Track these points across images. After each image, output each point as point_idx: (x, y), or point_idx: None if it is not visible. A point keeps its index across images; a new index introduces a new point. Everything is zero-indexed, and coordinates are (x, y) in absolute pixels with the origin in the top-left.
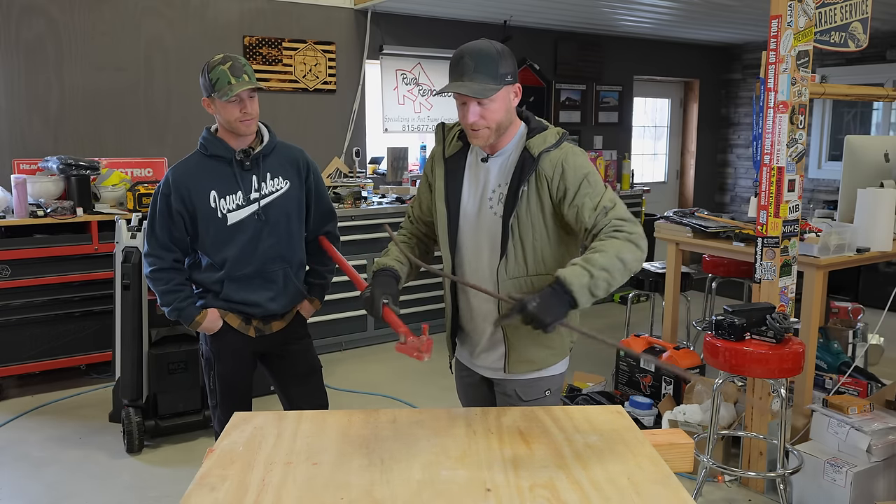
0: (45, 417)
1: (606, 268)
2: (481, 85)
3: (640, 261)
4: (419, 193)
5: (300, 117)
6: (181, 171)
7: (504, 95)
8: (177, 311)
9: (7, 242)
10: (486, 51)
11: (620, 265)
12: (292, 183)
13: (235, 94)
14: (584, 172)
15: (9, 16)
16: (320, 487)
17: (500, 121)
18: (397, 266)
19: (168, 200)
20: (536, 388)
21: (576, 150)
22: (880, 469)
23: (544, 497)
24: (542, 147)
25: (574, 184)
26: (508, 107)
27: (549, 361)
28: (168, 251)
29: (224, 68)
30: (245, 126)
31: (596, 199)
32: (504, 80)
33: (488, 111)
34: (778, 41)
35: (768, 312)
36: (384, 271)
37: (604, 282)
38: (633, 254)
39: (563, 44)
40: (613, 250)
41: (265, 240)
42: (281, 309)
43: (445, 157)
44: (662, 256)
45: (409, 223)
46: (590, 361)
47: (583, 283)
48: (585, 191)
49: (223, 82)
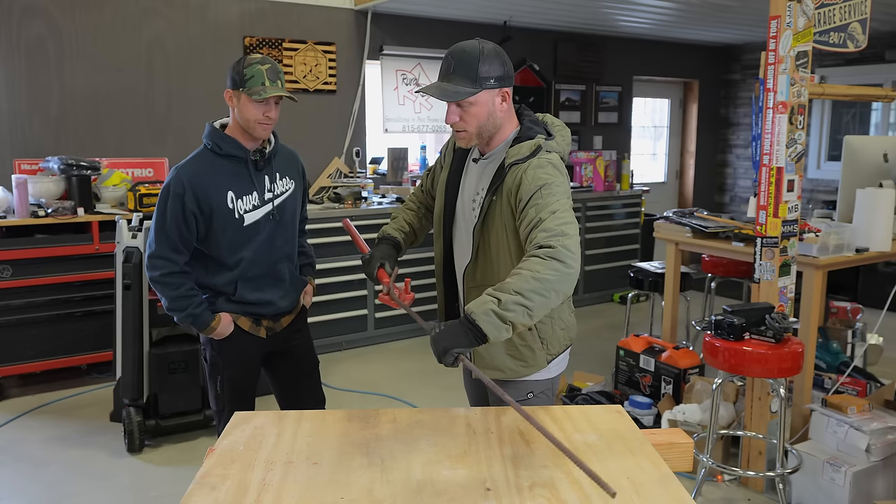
0: (46, 417)
1: (519, 291)
2: (455, 87)
3: (565, 277)
4: (434, 170)
5: (300, 118)
6: (193, 170)
7: (485, 99)
8: (191, 317)
9: (8, 242)
10: (468, 52)
11: (538, 284)
12: (296, 183)
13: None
14: (540, 184)
15: (10, 16)
16: (320, 487)
17: (480, 125)
18: (397, 234)
19: (182, 201)
20: (517, 391)
21: (541, 163)
22: (879, 468)
23: (544, 497)
24: (513, 159)
25: (526, 194)
26: (491, 111)
27: (521, 373)
28: (178, 254)
29: (262, 68)
30: (262, 129)
31: (540, 210)
32: (485, 83)
33: (467, 114)
34: (777, 42)
35: (767, 312)
36: (386, 239)
37: (518, 306)
38: (555, 272)
39: (562, 44)
40: (529, 271)
41: (278, 239)
42: (289, 305)
43: (456, 147)
44: (662, 256)
45: (420, 192)
46: (590, 361)
47: (486, 309)
48: (535, 202)
49: (258, 81)
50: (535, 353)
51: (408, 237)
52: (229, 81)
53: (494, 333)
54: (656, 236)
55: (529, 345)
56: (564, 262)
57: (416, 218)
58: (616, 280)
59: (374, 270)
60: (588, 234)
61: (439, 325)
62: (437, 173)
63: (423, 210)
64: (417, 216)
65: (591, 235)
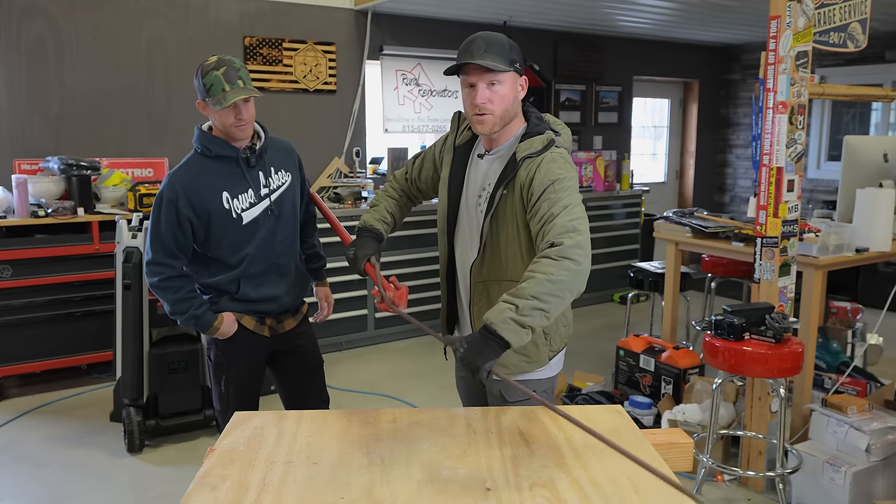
0: (46, 417)
1: (536, 295)
2: (493, 63)
3: (578, 275)
4: (423, 159)
5: (300, 118)
6: (186, 175)
7: (512, 81)
8: (193, 318)
9: (8, 242)
10: (498, 37)
11: (553, 287)
12: (293, 174)
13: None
14: (553, 178)
15: (10, 16)
16: (320, 487)
17: (506, 108)
18: (380, 226)
19: (175, 207)
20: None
21: (555, 157)
22: (879, 468)
23: (544, 497)
24: (526, 152)
25: (539, 188)
26: (515, 96)
27: (525, 368)
28: (175, 259)
29: (218, 74)
30: (241, 131)
31: (553, 205)
32: (513, 65)
33: (496, 95)
34: (777, 42)
35: (767, 312)
36: (366, 231)
37: (535, 310)
38: (568, 272)
39: (562, 44)
40: (543, 273)
41: (279, 234)
42: (294, 301)
43: (455, 145)
44: (662, 256)
45: (404, 179)
46: (590, 361)
47: (505, 317)
48: (547, 196)
49: (217, 89)
50: (538, 349)
51: (388, 227)
52: (196, 92)
53: (516, 340)
54: (656, 236)
55: (534, 340)
56: (576, 259)
57: (398, 207)
58: (616, 280)
59: (362, 267)
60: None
61: (463, 343)
62: (429, 164)
63: (405, 199)
64: (399, 205)
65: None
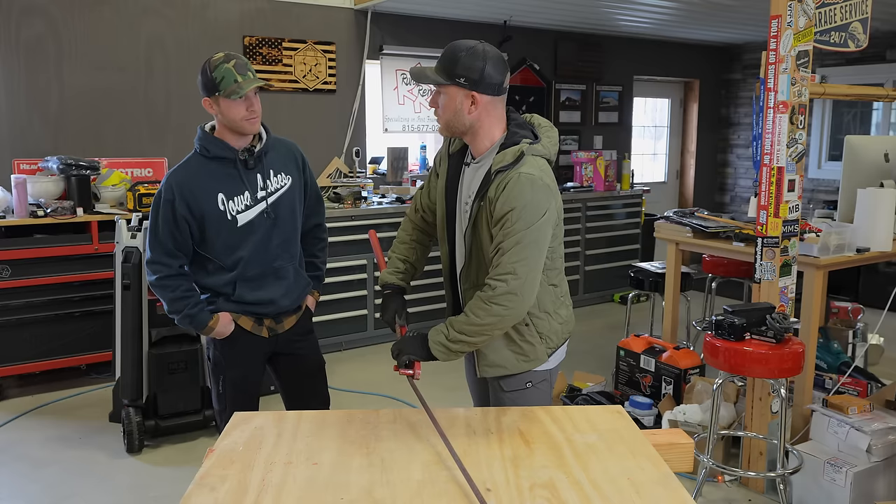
0: (45, 417)
1: (463, 331)
2: (431, 73)
3: (505, 319)
4: (428, 185)
5: (300, 117)
6: (183, 175)
7: (454, 94)
8: (188, 317)
9: (7, 242)
10: (457, 47)
11: (478, 329)
12: (294, 177)
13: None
14: (512, 206)
15: (9, 15)
16: (320, 487)
17: (448, 119)
18: (395, 279)
19: (172, 206)
20: (517, 381)
21: (521, 180)
22: (880, 469)
23: (544, 497)
24: (498, 165)
25: (499, 214)
26: (458, 109)
27: (521, 367)
28: (173, 258)
29: (229, 66)
30: (251, 125)
31: (505, 238)
32: (455, 79)
33: (440, 105)
34: (778, 41)
35: (768, 312)
36: (386, 288)
37: (461, 342)
38: (495, 317)
39: (563, 44)
40: (474, 314)
41: (275, 237)
42: (292, 304)
43: (450, 153)
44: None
45: (415, 213)
46: (590, 361)
47: (438, 340)
48: (503, 225)
49: (229, 81)
50: (535, 348)
51: (407, 275)
52: (202, 90)
53: (444, 358)
54: (657, 236)
55: (529, 340)
56: (505, 305)
57: (411, 250)
58: (616, 280)
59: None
60: (588, 234)
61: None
62: (432, 186)
63: (419, 235)
64: (411, 247)
65: (592, 235)
